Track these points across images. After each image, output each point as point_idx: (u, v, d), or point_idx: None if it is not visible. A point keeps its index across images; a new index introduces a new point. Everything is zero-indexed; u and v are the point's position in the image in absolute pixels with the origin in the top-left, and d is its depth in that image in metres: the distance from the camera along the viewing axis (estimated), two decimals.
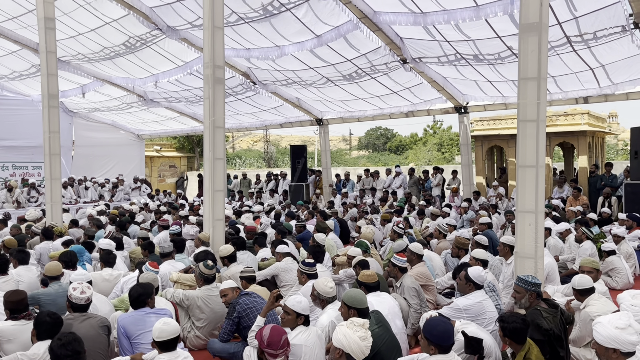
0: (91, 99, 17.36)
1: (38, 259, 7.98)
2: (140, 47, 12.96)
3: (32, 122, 16.68)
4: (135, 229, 10.31)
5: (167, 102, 16.95)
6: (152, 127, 20.82)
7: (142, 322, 4.18)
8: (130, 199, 16.88)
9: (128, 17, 11.47)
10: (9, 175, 16.81)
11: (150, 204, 14.63)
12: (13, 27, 13.10)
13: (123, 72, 14.80)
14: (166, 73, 14.06)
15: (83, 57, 14.06)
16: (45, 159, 10.11)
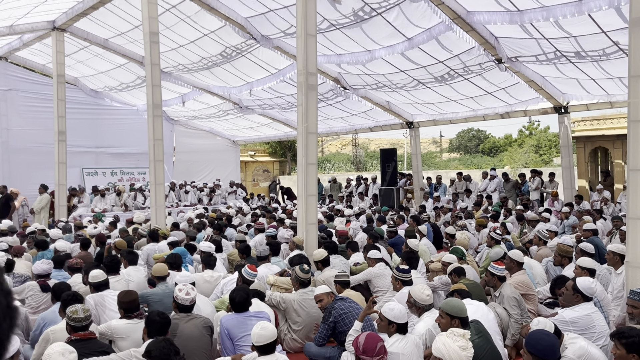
0: (190, 107, 18.26)
1: (145, 260, 8.49)
2: (236, 57, 13.47)
3: (137, 130, 17.78)
4: (232, 232, 10.70)
5: (261, 109, 17.47)
6: (246, 133, 21.55)
7: (244, 324, 4.34)
8: (226, 202, 17.55)
9: (224, 28, 11.97)
10: (117, 180, 17.99)
11: (245, 207, 15.14)
12: (121, 42, 14.06)
13: (220, 81, 15.44)
14: (260, 81, 14.51)
15: (183, 67, 14.82)
16: (150, 165, 10.74)
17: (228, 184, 19.34)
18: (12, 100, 16.02)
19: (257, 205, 16.71)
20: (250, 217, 13.31)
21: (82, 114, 16.89)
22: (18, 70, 16.56)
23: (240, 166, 23.44)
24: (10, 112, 15.97)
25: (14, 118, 16.02)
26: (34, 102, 16.23)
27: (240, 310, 4.45)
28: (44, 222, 13.39)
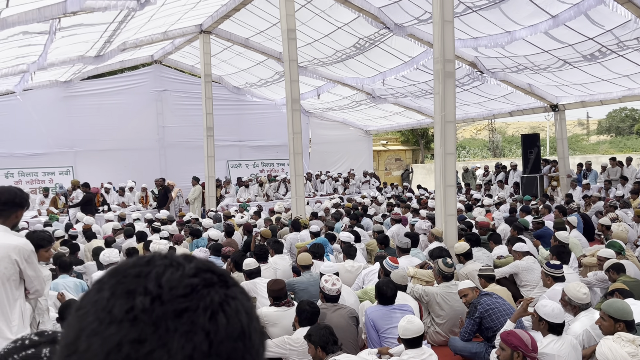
0: (325, 100, 18.69)
1: (289, 248, 8.91)
2: (369, 47, 13.54)
3: (276, 123, 18.61)
4: (369, 222, 10.83)
5: (394, 97, 17.40)
6: (379, 123, 21.61)
7: (389, 317, 4.40)
8: (360, 192, 17.79)
9: (358, 19, 12.06)
10: (259, 172, 19.02)
11: (379, 197, 15.23)
12: (260, 40, 14.76)
13: (353, 73, 15.62)
14: (393, 70, 14.44)
15: (318, 61, 15.20)
16: (290, 157, 11.21)
17: (362, 174, 19.56)
18: (166, 100, 17.55)
19: (391, 195, 16.72)
20: (386, 207, 13.38)
21: (227, 110, 18.01)
22: (170, 72, 18.10)
23: (372, 155, 23.58)
24: (165, 110, 17.52)
25: (168, 116, 17.56)
26: (185, 100, 17.63)
27: (387, 303, 4.52)
28: (197, 211, 14.55)
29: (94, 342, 0.53)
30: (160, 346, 0.53)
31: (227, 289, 0.59)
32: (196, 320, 0.55)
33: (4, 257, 3.14)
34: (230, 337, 0.56)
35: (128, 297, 0.55)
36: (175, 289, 0.56)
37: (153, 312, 0.54)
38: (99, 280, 0.60)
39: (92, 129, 16.10)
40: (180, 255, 0.62)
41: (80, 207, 12.57)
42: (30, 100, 15.17)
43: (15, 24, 8.29)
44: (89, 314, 0.56)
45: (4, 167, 15.01)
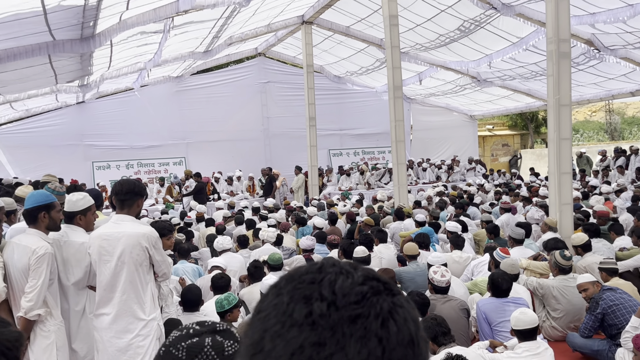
0: (427, 85, 18.30)
1: (391, 237, 8.86)
2: (474, 30, 13.05)
3: (377, 111, 18.53)
4: (475, 211, 10.50)
5: (501, 80, 16.68)
6: (484, 107, 20.82)
7: (502, 310, 4.26)
8: (465, 179, 17.28)
9: (462, 1, 11.65)
10: (359, 160, 19.07)
11: (486, 184, 14.71)
12: (361, 28, 14.71)
13: (457, 56, 15.15)
14: (500, 52, 13.82)
15: (420, 46, 14.90)
16: (392, 145, 11.10)
17: (466, 161, 18.98)
18: (270, 91, 18.04)
19: (499, 182, 16.09)
20: (493, 195, 12.91)
21: (328, 99, 18.17)
22: (274, 63, 18.56)
23: (478, 141, 22.78)
24: (269, 102, 18.03)
25: (272, 107, 18.05)
26: (288, 91, 18.03)
27: (500, 296, 4.37)
28: (300, 200, 14.89)
29: (278, 344, 0.57)
30: (338, 350, 0.56)
31: (393, 297, 0.62)
32: (369, 326, 0.57)
33: (136, 244, 3.39)
34: (401, 344, 0.58)
35: (306, 302, 0.59)
36: (348, 295, 0.59)
37: (330, 317, 0.57)
38: (275, 285, 0.64)
39: (201, 121, 16.94)
40: (348, 263, 0.65)
41: (193, 196, 13.30)
42: (146, 96, 16.23)
43: (134, 25, 8.86)
44: (271, 317, 0.60)
45: (125, 159, 16.21)
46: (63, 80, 11.67)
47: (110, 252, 3.39)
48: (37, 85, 11.67)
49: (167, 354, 1.13)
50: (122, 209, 3.49)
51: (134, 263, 3.39)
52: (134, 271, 3.40)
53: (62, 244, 3.65)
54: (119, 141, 16.11)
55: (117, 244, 3.38)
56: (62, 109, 15.45)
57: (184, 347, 1.13)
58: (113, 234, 3.41)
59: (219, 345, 1.14)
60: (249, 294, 5.34)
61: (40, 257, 3.38)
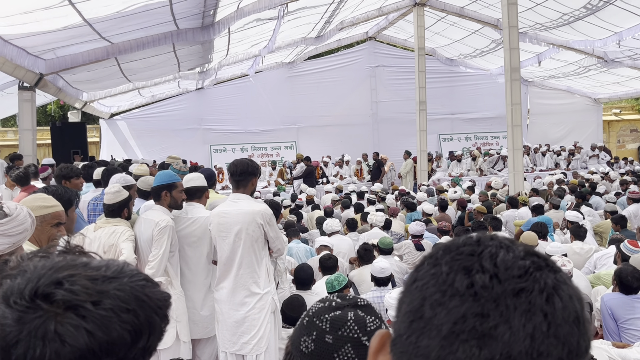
0: (546, 67, 17.25)
1: (505, 225, 8.53)
2: (603, 6, 12.05)
3: (491, 94, 17.79)
4: (599, 201, 9.84)
5: (631, 60, 15.32)
6: (611, 89, 19.25)
7: (631, 306, 3.97)
8: (587, 167, 16.18)
9: None
10: (472, 145, 18.43)
11: (611, 173, 13.69)
12: (476, 8, 14.15)
13: (581, 35, 14.11)
14: (631, 29, 12.68)
15: (541, 26, 14.06)
16: (508, 130, 10.63)
17: (589, 147, 17.72)
18: (380, 76, 17.94)
19: (626, 171, 14.88)
20: (619, 184, 11.98)
21: (439, 83, 17.72)
22: (384, 47, 18.42)
23: (602, 126, 21.17)
24: (378, 86, 17.95)
25: (381, 91, 17.96)
26: (397, 75, 17.82)
27: (629, 293, 4.07)
28: (409, 185, 14.74)
29: (440, 312, 0.58)
30: (503, 322, 0.55)
31: (556, 273, 0.60)
32: (533, 300, 0.56)
33: (251, 221, 3.56)
34: (566, 320, 0.57)
35: (466, 273, 0.59)
36: (510, 269, 0.58)
37: (493, 290, 0.57)
38: (431, 255, 0.65)
39: (312, 106, 17.24)
40: (506, 238, 0.64)
41: (303, 179, 13.63)
42: (260, 82, 16.81)
43: (251, 12, 9.21)
44: (430, 286, 0.60)
45: (239, 142, 16.95)
46: (185, 68, 12.40)
47: (228, 229, 3.58)
48: (162, 73, 12.50)
49: (311, 324, 1.16)
50: (238, 188, 3.67)
51: (250, 239, 3.56)
52: (249, 247, 3.57)
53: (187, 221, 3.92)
54: (234, 125, 16.86)
55: (234, 220, 3.56)
56: (183, 95, 16.44)
57: (328, 320, 1.14)
58: (230, 212, 3.60)
59: (361, 320, 1.15)
60: (358, 275, 5.40)
61: (162, 228, 3.66)
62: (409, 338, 0.60)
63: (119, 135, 15.98)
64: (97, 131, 18.59)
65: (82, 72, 9.18)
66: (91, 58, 8.55)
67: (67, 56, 8.43)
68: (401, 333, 0.62)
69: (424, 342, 0.58)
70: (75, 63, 8.56)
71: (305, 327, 1.16)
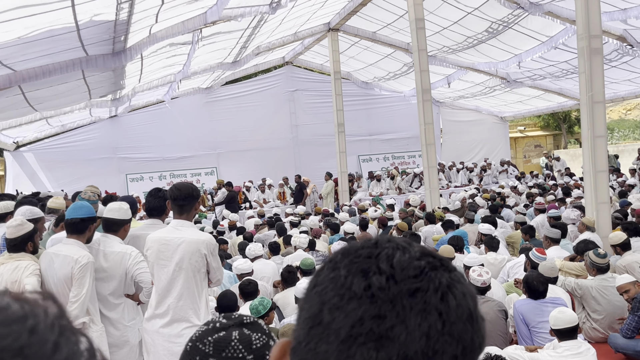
0: (455, 88, 18.15)
1: (424, 241, 8.79)
2: (502, 30, 12.91)
3: (406, 115, 18.44)
4: (509, 213, 10.35)
5: (531, 80, 16.44)
6: (515, 108, 20.52)
7: (539, 310, 4.18)
8: (498, 181, 17.04)
9: (489, 2, 11.55)
10: (390, 165, 18.96)
11: (519, 186, 14.48)
12: (388, 33, 14.71)
13: (486, 58, 15.00)
14: (529, 51, 13.65)
15: (448, 49, 14.80)
16: (422, 148, 11.04)
17: (498, 163, 18.72)
18: (298, 99, 18.14)
19: (533, 184, 15.81)
20: (526, 197, 12.70)
21: (356, 105, 18.19)
22: (301, 71, 18.68)
23: (509, 143, 22.45)
24: (297, 109, 18.13)
25: (300, 115, 18.14)
26: (316, 98, 18.09)
27: (536, 297, 4.29)
28: (330, 206, 14.89)
29: (338, 316, 0.58)
30: (399, 322, 0.56)
31: (450, 272, 0.62)
32: (429, 300, 0.58)
33: (195, 251, 3.40)
34: (460, 318, 0.58)
35: (364, 275, 0.59)
36: (406, 269, 0.59)
37: (389, 291, 0.58)
38: (330, 259, 0.65)
39: (232, 131, 17.11)
40: (402, 239, 0.65)
41: (225, 205, 13.43)
42: (177, 108, 16.47)
43: (164, 37, 9.04)
44: (328, 290, 0.60)
45: (157, 170, 16.48)
46: (96, 95, 11.96)
47: (169, 257, 3.40)
48: (71, 100, 11.98)
49: (194, 349, 1.12)
50: (181, 214, 3.49)
51: (192, 269, 3.40)
52: (191, 277, 3.41)
53: (98, 253, 3.72)
54: (151, 153, 16.40)
55: (176, 249, 3.39)
56: (96, 123, 15.81)
57: (211, 342, 1.11)
58: (173, 239, 3.42)
59: (247, 339, 1.12)
60: (282, 298, 5.36)
61: (83, 266, 3.45)
62: (308, 345, 0.60)
63: (26, 167, 15.09)
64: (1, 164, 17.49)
65: None
66: None
67: None
68: (300, 340, 0.61)
69: (323, 347, 0.58)
70: None
71: (188, 353, 1.12)
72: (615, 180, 14.81)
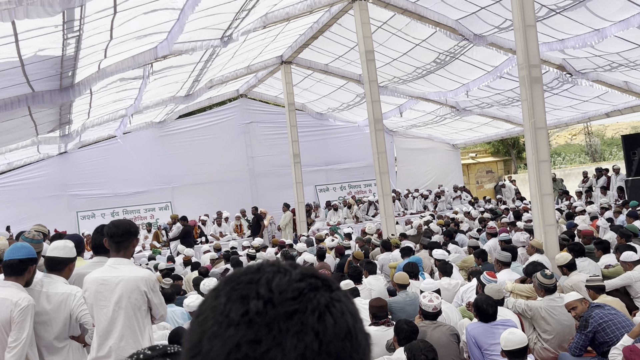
0: (407, 117, 18.57)
1: (380, 269, 8.84)
2: (450, 61, 13.36)
3: (360, 145, 18.71)
4: (463, 238, 10.54)
5: (479, 108, 16.98)
6: (465, 135, 21.11)
7: (491, 333, 4.24)
8: (452, 207, 17.36)
9: (436, 34, 11.96)
10: (347, 194, 19.10)
11: (473, 211, 14.80)
12: (339, 65, 14.99)
13: (435, 87, 15.44)
14: (476, 81, 14.14)
15: (398, 79, 15.18)
16: (377, 177, 11.20)
17: (452, 189, 19.11)
18: (254, 131, 18.16)
19: (485, 209, 16.19)
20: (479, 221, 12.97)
21: (311, 136, 18.35)
22: (255, 104, 18.76)
23: (462, 169, 23.00)
24: (253, 141, 18.13)
25: (256, 146, 18.14)
26: (271, 130, 18.16)
27: (487, 320, 4.36)
28: (289, 237, 14.82)
29: (216, 344, 0.58)
30: (275, 345, 0.57)
31: (332, 292, 0.63)
32: (305, 321, 0.59)
33: (134, 289, 3.33)
34: (337, 336, 0.59)
35: (243, 301, 0.60)
36: (284, 292, 0.61)
37: (266, 315, 0.59)
38: (214, 288, 0.65)
39: (186, 164, 16.95)
40: (287, 262, 0.66)
41: (180, 240, 13.19)
42: (129, 143, 16.24)
43: (113, 72, 8.95)
44: (209, 319, 0.61)
45: (109, 207, 16.09)
46: (44, 131, 11.67)
47: (108, 297, 3.32)
48: (17, 137, 11.65)
49: None
50: (119, 251, 3.42)
51: (132, 308, 3.33)
52: (132, 316, 3.33)
53: (40, 295, 3.58)
54: (103, 189, 16.03)
55: (114, 288, 3.32)
56: (44, 160, 15.39)
57: None
58: (110, 279, 3.34)
59: None
60: None
61: (23, 309, 3.30)
62: None
63: None
64: None
65: None
66: None
67: None
68: None
69: None
70: None
71: None
72: (563, 203, 15.33)
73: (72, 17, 6.03)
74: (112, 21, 6.88)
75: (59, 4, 5.01)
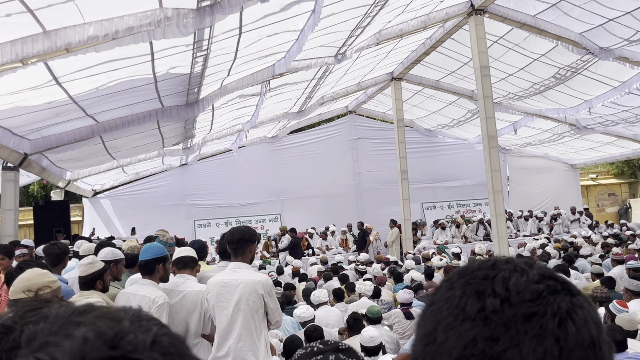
0: (522, 135, 17.81)
1: None
2: (571, 76, 12.66)
3: (470, 162, 18.20)
4: (583, 264, 9.88)
5: (602, 126, 15.90)
6: (586, 155, 19.82)
7: None
8: (569, 231, 16.33)
9: (556, 48, 11.41)
10: (455, 213, 18.59)
11: (594, 236, 13.82)
12: (451, 80, 14.72)
13: (553, 104, 14.70)
14: (600, 97, 13.27)
15: (514, 95, 14.63)
16: (490, 196, 10.80)
17: (569, 212, 17.98)
18: (361, 147, 18.30)
19: (608, 234, 15.05)
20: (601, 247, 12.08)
21: (419, 152, 18.14)
22: (363, 120, 18.91)
23: (581, 191, 21.58)
24: (360, 157, 18.26)
25: (363, 162, 18.25)
26: (378, 146, 18.19)
27: (618, 351, 4.04)
28: (395, 254, 14.69)
29: (451, 336, 0.59)
30: (512, 346, 0.56)
31: (572, 297, 0.61)
32: (545, 325, 0.57)
33: (252, 292, 3.48)
34: (580, 345, 0.57)
35: (478, 297, 0.60)
36: (522, 293, 0.59)
37: (503, 313, 0.58)
38: (447, 279, 0.67)
39: (295, 178, 17.41)
40: (522, 260, 0.66)
41: (289, 251, 13.53)
42: (243, 156, 17.01)
43: (234, 89, 9.46)
44: (443, 310, 0.62)
45: (224, 217, 16.90)
46: (169, 144, 12.55)
47: (228, 299, 3.49)
48: (146, 149, 12.61)
49: None
50: (237, 256, 3.61)
51: (250, 310, 3.46)
52: (250, 318, 3.47)
53: (178, 294, 3.84)
54: (218, 200, 16.88)
55: (234, 291, 3.48)
56: (167, 171, 16.53)
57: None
58: (231, 281, 3.52)
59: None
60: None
61: (160, 305, 3.55)
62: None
63: (102, 213, 15.88)
64: (79, 210, 18.46)
65: (67, 150, 9.23)
66: (76, 137, 8.60)
67: (52, 136, 8.49)
68: (417, 356, 0.63)
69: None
70: (60, 142, 8.61)
71: None
72: None
73: (201, 37, 6.46)
74: (238, 42, 7.28)
75: (193, 24, 5.39)
